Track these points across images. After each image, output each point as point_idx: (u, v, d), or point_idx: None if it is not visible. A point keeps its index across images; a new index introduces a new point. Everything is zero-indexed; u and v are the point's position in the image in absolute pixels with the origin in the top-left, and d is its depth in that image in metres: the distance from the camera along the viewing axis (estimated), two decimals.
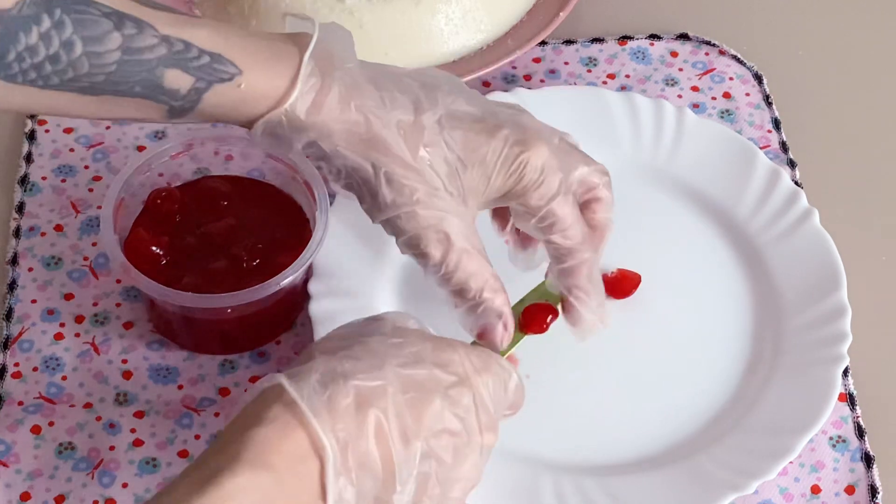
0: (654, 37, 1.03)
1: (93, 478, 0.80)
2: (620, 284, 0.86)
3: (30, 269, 0.89)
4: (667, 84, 1.00)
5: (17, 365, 0.85)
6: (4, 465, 0.80)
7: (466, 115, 0.74)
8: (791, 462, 0.79)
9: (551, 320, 0.79)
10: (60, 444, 0.81)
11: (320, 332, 0.82)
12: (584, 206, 0.78)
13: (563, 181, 0.75)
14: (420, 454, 0.64)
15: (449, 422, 0.65)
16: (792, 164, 0.95)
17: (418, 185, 0.72)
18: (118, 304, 0.88)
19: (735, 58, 1.01)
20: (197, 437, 0.82)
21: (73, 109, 0.70)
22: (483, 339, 0.74)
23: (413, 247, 0.74)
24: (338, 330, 0.70)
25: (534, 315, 0.79)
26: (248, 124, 0.73)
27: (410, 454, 0.64)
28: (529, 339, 0.84)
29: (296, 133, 0.72)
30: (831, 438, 0.82)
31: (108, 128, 0.96)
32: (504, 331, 0.74)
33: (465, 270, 0.73)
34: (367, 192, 0.73)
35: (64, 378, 0.84)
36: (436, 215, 0.73)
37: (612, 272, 0.86)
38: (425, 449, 0.64)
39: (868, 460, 0.81)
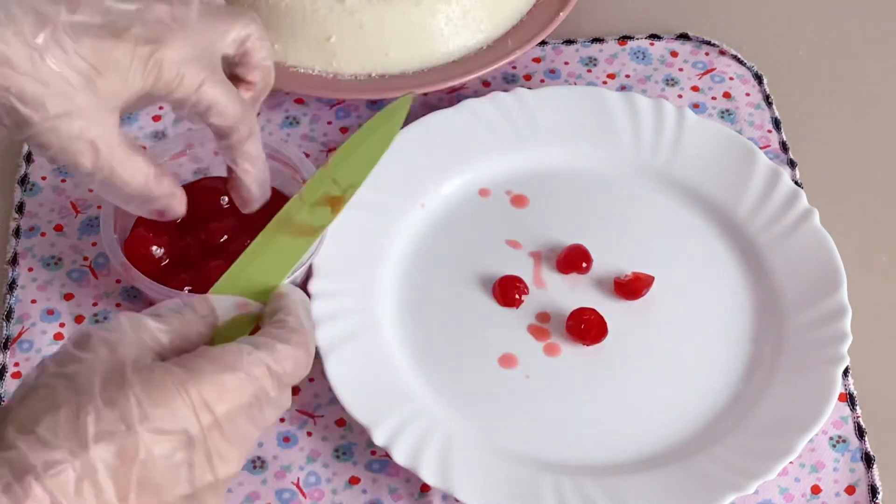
0: (654, 37, 1.03)
1: None
2: (633, 286, 0.86)
3: (30, 269, 0.89)
4: (667, 84, 1.00)
5: (16, 365, 0.85)
6: None
7: (89, 23, 0.73)
8: (791, 462, 0.79)
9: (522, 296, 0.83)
10: None
11: (321, 332, 0.82)
12: (242, 62, 0.78)
13: (208, 64, 0.75)
14: None
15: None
16: (792, 164, 0.95)
17: (54, 99, 0.71)
18: (118, 304, 0.88)
19: (735, 58, 1.01)
20: None
21: None
22: (164, 217, 0.78)
23: (62, 160, 0.73)
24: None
25: (507, 287, 0.83)
26: None
27: None
28: (529, 341, 0.84)
29: None
30: (831, 438, 0.82)
31: None
32: (180, 203, 0.78)
33: (120, 174, 0.74)
34: (4, 112, 0.72)
35: None
36: (78, 126, 0.72)
37: (627, 275, 0.86)
38: None
39: (868, 460, 0.81)
